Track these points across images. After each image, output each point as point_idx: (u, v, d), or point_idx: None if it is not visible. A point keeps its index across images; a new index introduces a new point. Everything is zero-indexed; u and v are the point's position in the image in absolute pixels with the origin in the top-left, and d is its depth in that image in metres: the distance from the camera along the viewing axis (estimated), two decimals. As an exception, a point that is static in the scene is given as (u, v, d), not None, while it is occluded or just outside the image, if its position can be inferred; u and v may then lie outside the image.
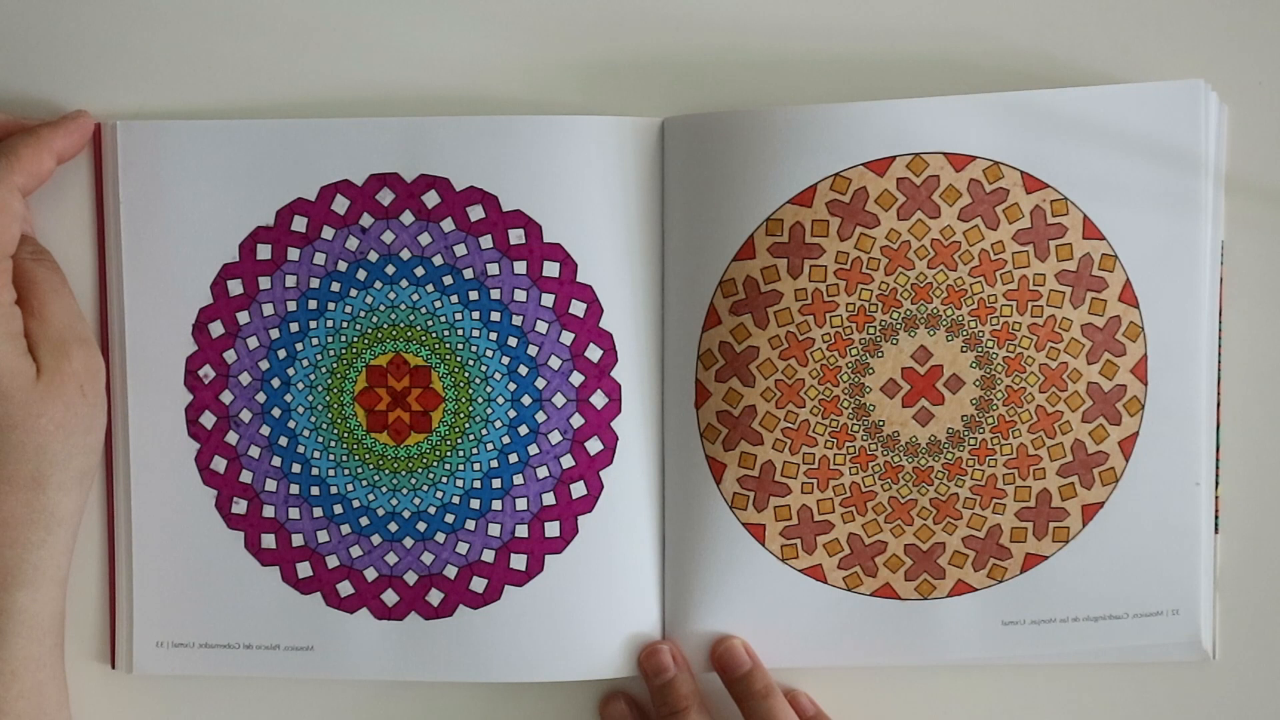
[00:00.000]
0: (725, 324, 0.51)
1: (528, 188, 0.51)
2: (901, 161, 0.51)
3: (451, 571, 0.52)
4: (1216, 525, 0.53)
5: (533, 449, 0.52)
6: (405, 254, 0.52)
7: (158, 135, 0.51)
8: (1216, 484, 0.53)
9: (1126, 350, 0.52)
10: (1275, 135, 0.53)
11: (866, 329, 0.51)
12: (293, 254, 0.52)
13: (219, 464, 0.52)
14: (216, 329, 0.52)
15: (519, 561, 0.52)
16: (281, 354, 0.52)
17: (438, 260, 0.52)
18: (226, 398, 0.52)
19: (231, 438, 0.52)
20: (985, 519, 0.52)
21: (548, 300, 0.52)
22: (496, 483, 0.52)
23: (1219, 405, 0.53)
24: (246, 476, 0.52)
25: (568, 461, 0.52)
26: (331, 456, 0.52)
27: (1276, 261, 0.54)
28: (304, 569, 0.53)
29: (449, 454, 0.52)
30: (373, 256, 0.52)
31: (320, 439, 0.52)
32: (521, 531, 0.52)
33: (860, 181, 0.51)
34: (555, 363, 0.52)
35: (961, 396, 0.52)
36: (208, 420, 0.52)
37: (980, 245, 0.51)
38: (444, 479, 0.52)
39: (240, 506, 0.52)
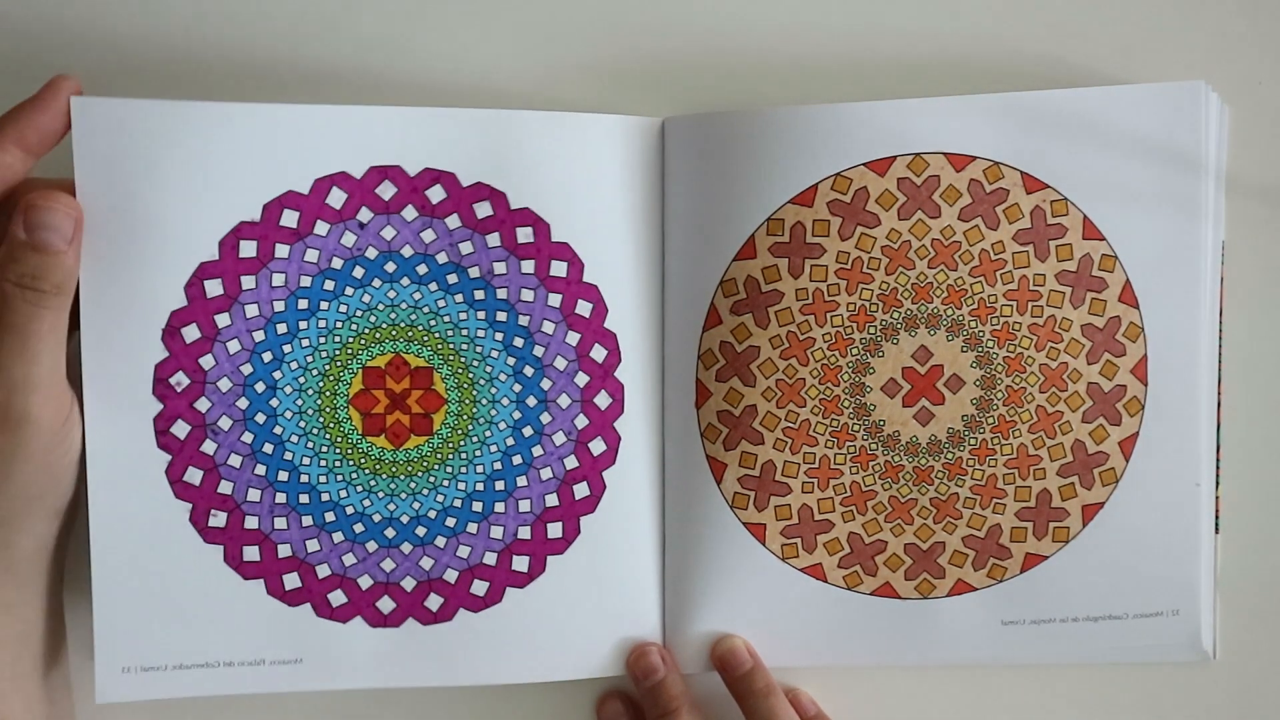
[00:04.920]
0: (726, 324, 0.51)
1: (536, 185, 0.50)
2: (902, 161, 0.51)
3: (452, 575, 0.51)
4: (1216, 525, 0.54)
5: (537, 450, 0.51)
6: (407, 251, 0.50)
7: (120, 114, 0.46)
8: (1216, 484, 0.53)
9: (1126, 350, 0.52)
10: (1275, 135, 0.54)
11: (867, 328, 0.51)
12: (281, 251, 0.49)
13: (194, 476, 0.49)
14: (191, 333, 0.49)
15: (521, 563, 0.51)
16: (267, 357, 0.49)
17: (442, 258, 0.50)
18: (203, 405, 0.49)
19: (208, 447, 0.49)
20: (985, 519, 0.52)
21: (555, 300, 0.51)
22: (500, 485, 0.51)
23: (1219, 405, 0.53)
24: (226, 487, 0.50)
25: (571, 463, 0.51)
26: (323, 462, 0.50)
27: (1276, 261, 0.54)
28: (291, 580, 0.50)
29: (451, 456, 0.51)
30: (371, 253, 0.50)
31: (310, 444, 0.50)
32: (524, 533, 0.51)
33: (861, 181, 0.51)
34: (561, 363, 0.51)
35: (962, 396, 0.52)
36: (180, 430, 0.49)
37: (980, 245, 0.51)
38: (445, 482, 0.51)
39: (219, 519, 0.50)
